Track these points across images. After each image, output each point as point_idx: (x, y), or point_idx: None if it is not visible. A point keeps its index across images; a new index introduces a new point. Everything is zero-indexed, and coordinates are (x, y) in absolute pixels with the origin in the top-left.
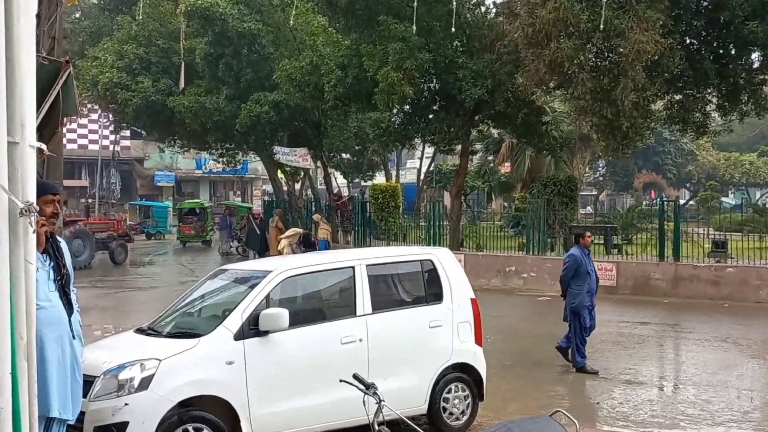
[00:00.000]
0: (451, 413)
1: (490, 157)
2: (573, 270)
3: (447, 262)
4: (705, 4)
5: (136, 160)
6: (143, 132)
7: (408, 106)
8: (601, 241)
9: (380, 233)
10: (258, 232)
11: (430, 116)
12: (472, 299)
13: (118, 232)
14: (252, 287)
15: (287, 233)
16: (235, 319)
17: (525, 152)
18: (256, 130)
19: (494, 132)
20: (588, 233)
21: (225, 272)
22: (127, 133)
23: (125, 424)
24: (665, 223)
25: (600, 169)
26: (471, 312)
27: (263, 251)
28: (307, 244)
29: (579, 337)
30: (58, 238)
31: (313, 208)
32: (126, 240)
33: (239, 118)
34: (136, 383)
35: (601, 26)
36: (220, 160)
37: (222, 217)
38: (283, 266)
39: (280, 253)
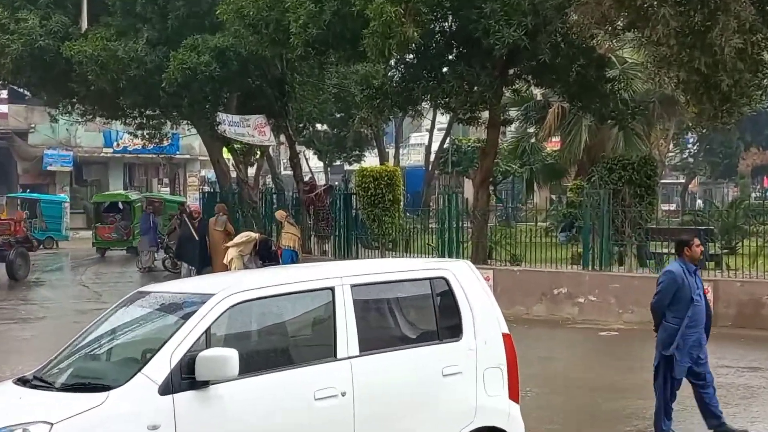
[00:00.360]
0: None
1: (531, 130)
2: (671, 294)
3: (468, 281)
4: None
5: (17, 134)
6: (27, 93)
7: (412, 56)
8: None
9: (371, 239)
10: (196, 238)
11: (444, 70)
12: (504, 335)
13: (15, 236)
14: (185, 318)
15: (237, 239)
16: (161, 365)
17: (581, 122)
18: (192, 89)
19: (536, 93)
20: (696, 240)
21: (146, 296)
22: (4, 93)
23: None
24: None
25: (690, 146)
26: (503, 353)
27: (203, 265)
28: (265, 254)
29: (666, 393)
30: None
31: (275, 203)
32: (27, 247)
33: (167, 73)
34: None
35: None
36: (139, 133)
37: (143, 215)
38: (231, 287)
39: (227, 268)
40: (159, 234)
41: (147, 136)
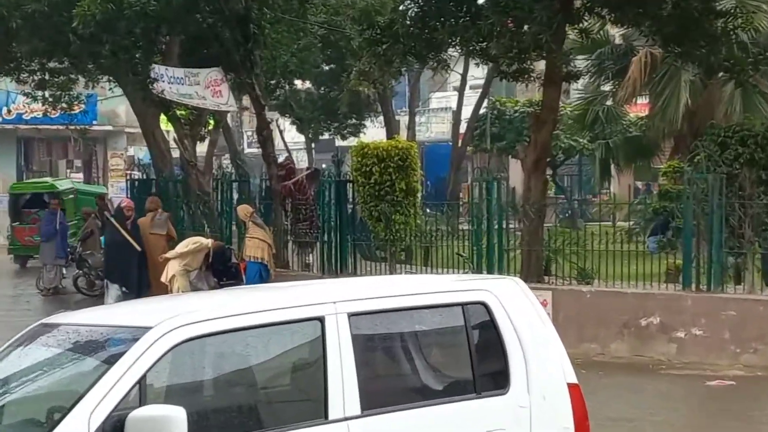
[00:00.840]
0: None
1: (606, 87)
2: None
3: (518, 307)
4: None
5: None
6: None
7: None
8: None
9: (375, 247)
10: (130, 246)
11: (481, 1)
12: (570, 386)
13: None
14: (110, 362)
15: (181, 248)
16: (75, 430)
17: (680, 76)
18: (115, 30)
19: (614, 34)
20: None
21: (52, 331)
22: None
23: None
24: None
25: None
26: (569, 412)
27: (143, 287)
28: (222, 270)
29: None
30: None
31: (235, 195)
32: None
33: (80, 7)
34: None
35: None
36: (40, 95)
37: (45, 214)
38: (175, 318)
39: (166, 289)
40: (69, 242)
41: (51, 100)
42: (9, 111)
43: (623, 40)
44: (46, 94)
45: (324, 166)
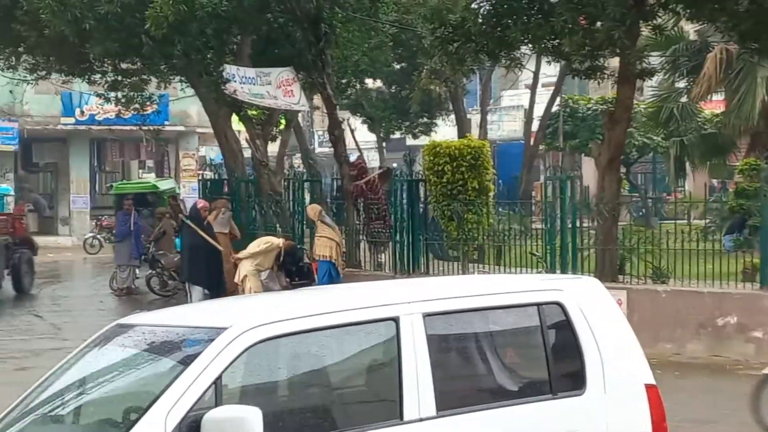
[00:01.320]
0: None
1: (681, 84)
2: None
3: (595, 307)
4: None
5: None
6: None
7: None
8: None
9: (448, 246)
10: (210, 248)
11: None
12: (648, 387)
13: (15, 237)
14: (185, 363)
15: (253, 247)
16: (152, 430)
17: (756, 72)
18: (188, 32)
19: (689, 30)
20: None
21: (128, 332)
22: None
23: None
24: None
25: None
26: (647, 414)
27: (221, 286)
28: (294, 269)
29: None
30: None
31: (306, 195)
32: (30, 249)
33: (152, 9)
34: None
35: None
36: (112, 96)
37: (119, 215)
38: (250, 319)
39: (236, 290)
40: (143, 242)
41: (123, 101)
42: (82, 112)
43: (698, 37)
44: (119, 95)
45: (395, 165)
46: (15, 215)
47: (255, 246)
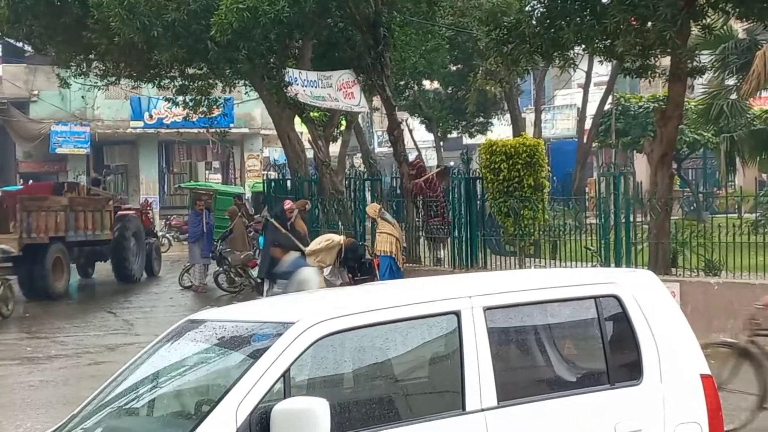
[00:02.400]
0: None
1: (731, 82)
2: None
3: (651, 299)
4: None
5: (14, 105)
6: (28, 48)
7: None
8: None
9: (504, 241)
10: (295, 248)
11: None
12: (703, 377)
13: (144, 228)
14: (255, 356)
15: (315, 245)
16: (223, 422)
17: None
18: (252, 38)
19: (738, 29)
20: None
21: (199, 327)
22: None
23: None
24: None
25: None
26: (702, 403)
27: None
28: (355, 265)
29: None
30: None
31: (367, 194)
32: (156, 238)
33: (217, 16)
34: None
35: None
36: (180, 100)
37: (192, 215)
38: (317, 313)
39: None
40: (215, 240)
41: (191, 104)
42: (151, 116)
43: (747, 35)
44: (186, 99)
45: (452, 163)
46: (142, 209)
47: (317, 243)
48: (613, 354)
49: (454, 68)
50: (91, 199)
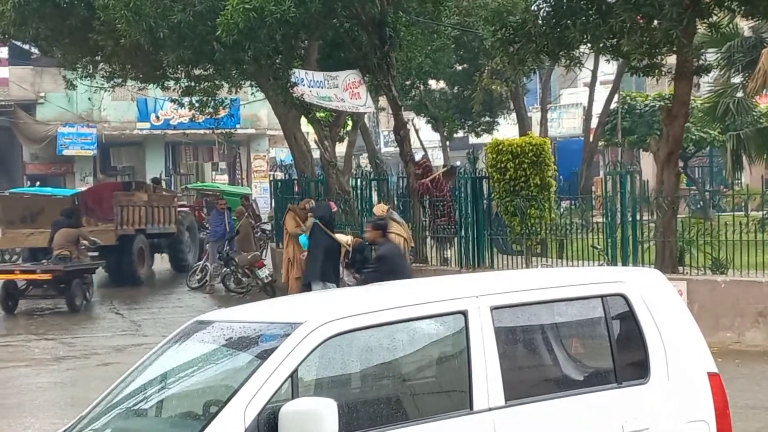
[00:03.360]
0: None
1: (736, 80)
2: None
3: (657, 298)
4: None
5: (21, 106)
6: (34, 50)
7: None
8: None
9: (511, 241)
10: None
11: None
12: (710, 375)
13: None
14: (263, 357)
15: None
16: (231, 423)
17: None
18: (257, 38)
19: (744, 27)
20: None
21: (207, 328)
22: (3, 52)
23: None
24: None
25: None
26: (709, 401)
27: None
28: (363, 266)
29: None
30: None
31: (374, 194)
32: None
33: (223, 17)
34: None
35: None
36: (186, 101)
37: (213, 215)
38: (324, 313)
39: (303, 286)
40: (231, 238)
41: (197, 105)
42: (157, 117)
43: (753, 33)
44: (193, 100)
45: (459, 163)
46: (194, 206)
47: None
48: (620, 353)
49: (460, 68)
50: (163, 196)
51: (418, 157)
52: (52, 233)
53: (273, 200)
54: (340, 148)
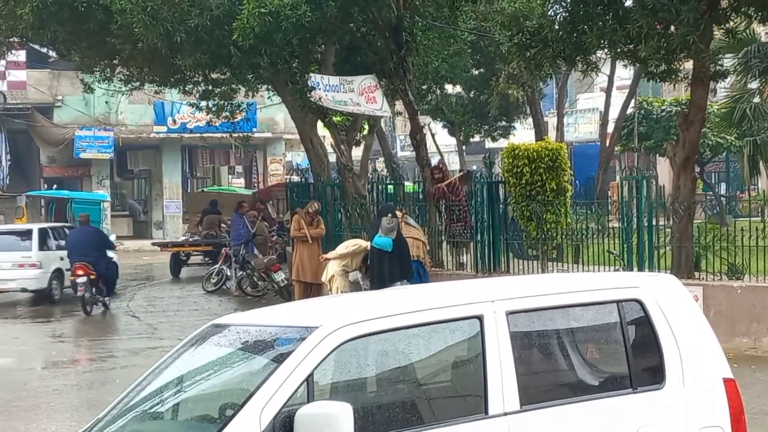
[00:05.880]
0: None
1: (753, 85)
2: None
3: (673, 304)
4: None
5: (38, 110)
6: (52, 53)
7: None
8: None
9: (527, 246)
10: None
11: (628, 3)
12: (726, 381)
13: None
14: (278, 360)
15: (341, 249)
16: (247, 426)
17: None
18: (274, 42)
19: (761, 32)
20: None
21: (223, 331)
22: (21, 56)
23: None
24: None
25: None
26: (725, 407)
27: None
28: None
29: None
30: None
31: (389, 198)
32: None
33: (239, 21)
34: None
35: None
36: (203, 105)
37: (235, 218)
38: (340, 317)
39: (320, 289)
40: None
41: (214, 109)
42: (174, 121)
43: None
44: (209, 104)
45: (475, 167)
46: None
47: (344, 247)
48: (635, 358)
49: (477, 72)
50: None
51: (434, 161)
52: (201, 218)
53: (288, 203)
54: (357, 152)
